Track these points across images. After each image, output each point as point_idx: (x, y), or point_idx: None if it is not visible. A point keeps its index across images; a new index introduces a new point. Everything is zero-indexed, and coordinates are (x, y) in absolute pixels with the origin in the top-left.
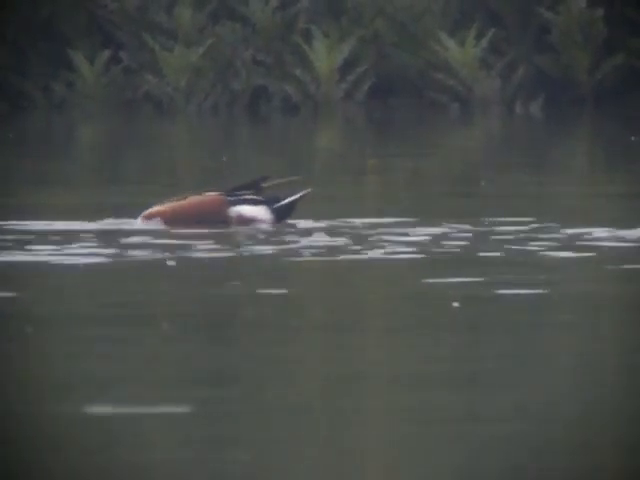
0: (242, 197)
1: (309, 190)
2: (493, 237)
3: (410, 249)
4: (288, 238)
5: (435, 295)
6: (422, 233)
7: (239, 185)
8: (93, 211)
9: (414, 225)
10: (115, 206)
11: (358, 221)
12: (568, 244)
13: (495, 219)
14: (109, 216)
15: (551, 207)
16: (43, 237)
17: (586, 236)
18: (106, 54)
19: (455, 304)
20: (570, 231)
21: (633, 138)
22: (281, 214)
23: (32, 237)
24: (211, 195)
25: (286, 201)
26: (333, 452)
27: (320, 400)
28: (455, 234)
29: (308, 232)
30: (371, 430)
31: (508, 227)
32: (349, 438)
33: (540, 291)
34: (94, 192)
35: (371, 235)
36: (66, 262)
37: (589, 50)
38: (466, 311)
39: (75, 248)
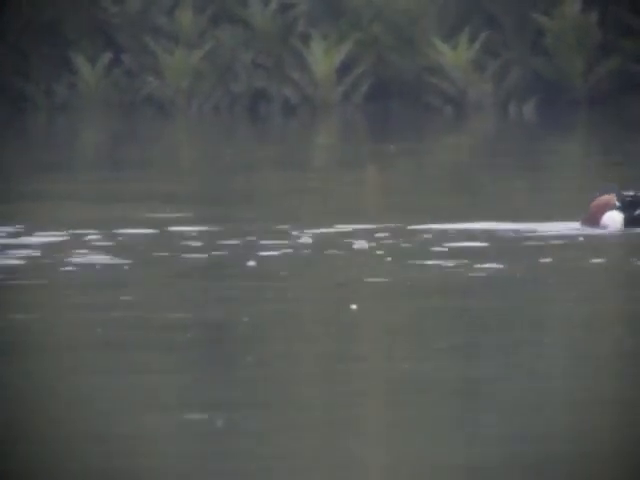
0: None
1: None
2: (491, 240)
3: (407, 250)
4: (278, 241)
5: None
6: (419, 234)
7: None
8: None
9: (410, 227)
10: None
11: (352, 225)
12: (564, 246)
13: (491, 221)
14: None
15: (545, 208)
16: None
17: (580, 238)
18: (107, 56)
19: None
20: (563, 233)
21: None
22: None
23: None
24: None
25: None
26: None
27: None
28: (451, 236)
29: (299, 235)
30: (372, 448)
31: (506, 228)
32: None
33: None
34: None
35: (370, 238)
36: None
37: (583, 54)
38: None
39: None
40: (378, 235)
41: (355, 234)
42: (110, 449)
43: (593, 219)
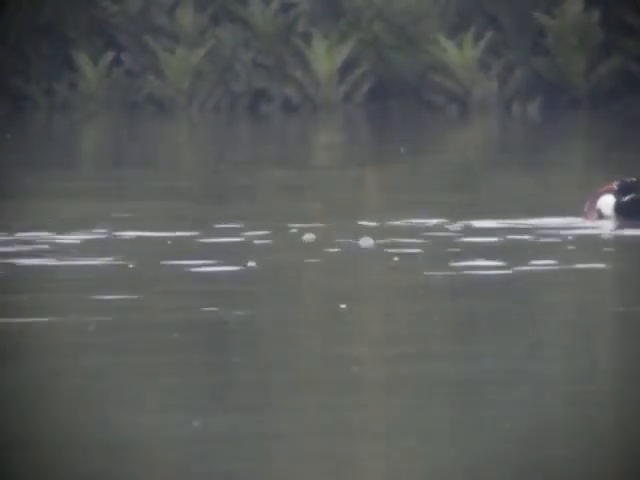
0: None
1: None
2: (493, 238)
3: (409, 248)
4: (280, 245)
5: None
6: (420, 233)
7: None
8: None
9: (412, 225)
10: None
11: (354, 224)
12: (566, 244)
13: (495, 219)
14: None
15: (548, 206)
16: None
17: (582, 237)
18: (109, 56)
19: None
20: (566, 231)
21: None
22: None
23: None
24: None
25: None
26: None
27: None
28: (454, 235)
29: (301, 234)
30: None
31: (509, 227)
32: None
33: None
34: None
35: (369, 235)
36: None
37: (585, 53)
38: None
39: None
40: (380, 234)
41: (358, 233)
42: (108, 450)
43: (592, 205)
